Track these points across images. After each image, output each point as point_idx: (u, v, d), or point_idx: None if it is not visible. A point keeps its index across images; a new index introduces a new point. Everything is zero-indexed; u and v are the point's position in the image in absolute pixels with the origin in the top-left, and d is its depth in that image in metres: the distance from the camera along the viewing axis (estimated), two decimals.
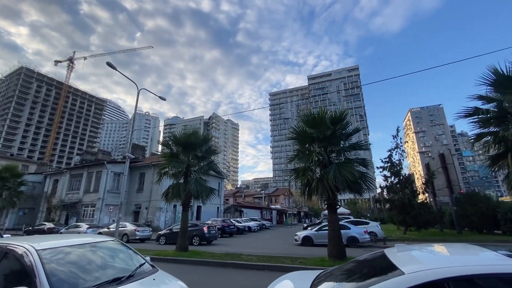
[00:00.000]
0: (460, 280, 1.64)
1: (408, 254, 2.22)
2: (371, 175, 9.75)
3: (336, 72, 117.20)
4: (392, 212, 20.08)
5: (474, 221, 17.61)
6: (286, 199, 63.31)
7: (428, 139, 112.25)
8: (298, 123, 10.55)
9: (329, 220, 9.42)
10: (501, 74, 7.47)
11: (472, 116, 8.37)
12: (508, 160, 7.19)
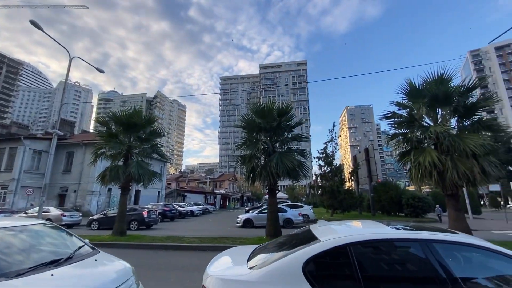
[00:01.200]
0: (357, 244, 2.24)
1: (326, 228, 2.82)
2: (308, 164, 10.88)
3: (286, 64, 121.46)
4: (323, 197, 22.68)
5: (385, 206, 21.30)
6: (231, 184, 64.55)
7: (359, 134, 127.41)
8: (247, 112, 10.94)
9: (269, 203, 10.26)
10: (413, 86, 9.13)
11: (390, 119, 10.04)
12: (411, 156, 8.95)
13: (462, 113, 8.59)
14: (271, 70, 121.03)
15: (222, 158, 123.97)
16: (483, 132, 8.52)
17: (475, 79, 9.28)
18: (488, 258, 2.24)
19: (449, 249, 2.26)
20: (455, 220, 8.08)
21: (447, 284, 1.94)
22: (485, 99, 8.89)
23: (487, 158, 7.79)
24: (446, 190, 8.23)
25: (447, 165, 7.76)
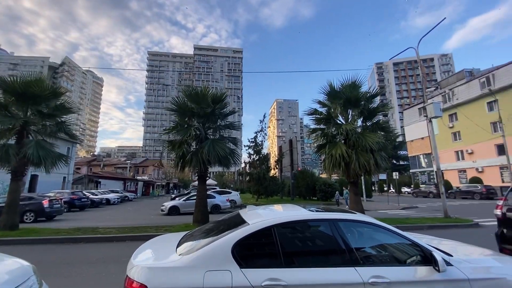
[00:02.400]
0: (280, 225, 2.55)
1: (254, 212, 3.06)
2: (238, 152, 11.21)
3: (223, 50, 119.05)
4: (250, 184, 23.92)
5: (302, 191, 24.04)
6: (156, 170, 60.44)
7: (285, 126, 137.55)
8: (179, 94, 10.38)
9: (198, 190, 10.19)
10: (333, 88, 10.46)
11: (312, 115, 11.29)
12: (326, 149, 10.33)
13: (366, 115, 10.40)
14: (206, 53, 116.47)
15: (146, 142, 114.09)
16: (379, 132, 10.54)
17: (377, 88, 11.33)
18: (374, 231, 2.89)
19: (349, 226, 2.82)
20: (354, 203, 9.88)
21: (346, 253, 2.44)
22: (383, 105, 10.99)
23: (380, 153, 9.73)
24: (350, 178, 9.93)
25: (352, 157, 9.33)
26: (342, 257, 2.42)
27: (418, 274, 2.41)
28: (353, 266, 2.35)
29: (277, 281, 2.16)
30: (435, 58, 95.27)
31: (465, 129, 35.59)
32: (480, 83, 34.38)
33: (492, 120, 31.00)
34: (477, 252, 3.17)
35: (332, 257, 2.50)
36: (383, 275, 2.30)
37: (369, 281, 2.25)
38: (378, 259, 2.60)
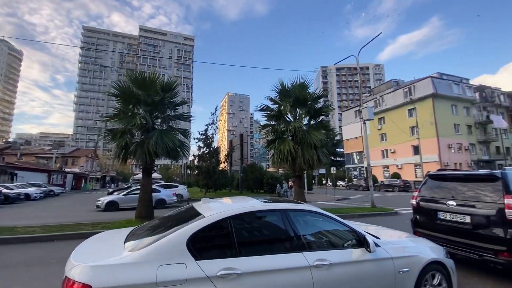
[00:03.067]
0: (236, 216, 2.62)
1: (209, 205, 3.07)
2: (188, 144, 10.85)
3: (172, 35, 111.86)
4: (199, 177, 23.42)
5: (251, 184, 24.67)
6: (89, 162, 53.92)
7: (235, 120, 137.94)
8: (120, 78, 9.45)
9: (142, 183, 9.55)
10: (284, 86, 10.94)
11: (264, 111, 11.64)
12: (275, 144, 10.80)
13: (312, 115, 11.20)
14: (154, 36, 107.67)
15: (78, 129, 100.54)
16: (322, 130, 11.49)
17: (322, 90, 12.29)
18: (319, 220, 3.20)
19: (297, 215, 3.07)
20: (298, 194, 10.61)
21: (295, 240, 2.65)
22: (327, 106, 12.00)
23: (322, 149, 10.63)
24: (295, 172, 10.62)
25: (298, 153, 9.98)
26: (291, 244, 2.63)
27: (354, 255, 2.78)
28: (301, 252, 2.59)
29: (232, 270, 2.23)
30: (370, 67, 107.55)
31: (390, 131, 41.39)
32: (403, 93, 40.28)
33: (411, 124, 36.73)
34: (397, 235, 3.80)
35: (283, 244, 2.69)
36: (325, 258, 2.59)
37: (314, 264, 2.51)
38: (322, 244, 2.90)
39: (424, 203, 5.19)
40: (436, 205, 4.91)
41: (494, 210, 4.07)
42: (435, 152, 34.60)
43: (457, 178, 4.93)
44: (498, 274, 4.32)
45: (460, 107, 37.99)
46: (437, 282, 3.14)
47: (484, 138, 38.47)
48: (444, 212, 4.72)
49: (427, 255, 3.15)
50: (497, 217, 4.03)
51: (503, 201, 4.01)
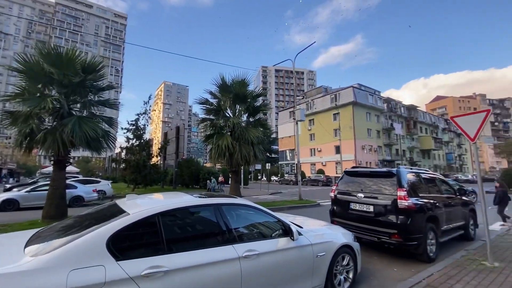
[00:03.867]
0: (166, 213, 2.50)
1: (135, 201, 2.84)
2: (113, 134, 9.74)
3: (101, 10, 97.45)
4: (126, 172, 21.25)
5: (186, 180, 23.77)
6: None
7: (172, 112, 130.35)
8: (26, 50, 7.77)
9: (53, 178, 8.13)
10: (225, 82, 10.91)
11: (203, 104, 11.38)
12: (214, 139, 10.71)
13: (251, 112, 11.52)
14: (76, 6, 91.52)
15: None
16: (260, 128, 11.95)
17: (261, 89, 12.75)
18: (251, 213, 3.35)
19: (230, 209, 3.15)
20: (234, 189, 10.81)
21: (227, 234, 2.71)
22: (265, 105, 12.52)
23: (258, 146, 11.07)
24: (232, 167, 10.76)
25: (236, 148, 10.15)
26: (223, 237, 2.68)
27: (280, 244, 3.02)
28: (232, 244, 2.66)
29: (159, 268, 2.14)
30: (305, 72, 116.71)
31: (318, 132, 45.98)
32: (330, 99, 45.20)
33: (335, 127, 41.58)
34: (317, 224, 4.29)
35: (214, 238, 2.72)
36: (254, 248, 2.74)
37: (243, 255, 2.62)
38: (252, 236, 3.05)
39: (340, 196, 5.98)
40: (349, 197, 5.72)
41: (390, 200, 5.00)
42: (352, 152, 40.12)
43: (366, 174, 5.85)
44: (391, 253, 5.34)
45: (372, 115, 44.98)
46: (346, 263, 3.69)
47: (388, 142, 46.56)
48: (355, 203, 5.54)
49: (339, 240, 3.66)
50: (392, 206, 4.96)
51: (397, 193, 4.96)
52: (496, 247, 5.52)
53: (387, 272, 4.45)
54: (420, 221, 4.87)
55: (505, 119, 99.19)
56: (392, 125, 45.33)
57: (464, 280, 3.81)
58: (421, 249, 4.78)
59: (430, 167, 53.60)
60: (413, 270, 4.42)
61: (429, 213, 5.10)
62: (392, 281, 4.02)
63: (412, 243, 4.72)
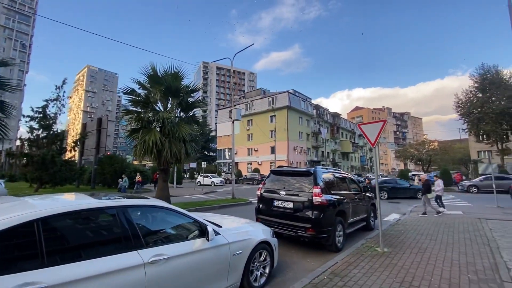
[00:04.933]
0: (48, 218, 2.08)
1: (9, 205, 2.30)
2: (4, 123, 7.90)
3: None
4: (27, 168, 17.55)
5: (107, 178, 21.11)
6: None
7: (96, 101, 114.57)
8: None
9: None
10: (155, 72, 10.09)
11: (129, 95, 10.26)
12: (139, 134, 9.75)
13: (184, 107, 10.96)
14: None
15: None
16: (194, 124, 11.50)
17: (200, 85, 12.32)
18: (165, 215, 3.14)
19: (140, 211, 2.89)
20: (161, 189, 10.11)
21: (131, 239, 2.43)
22: (200, 102, 12.10)
23: (191, 144, 10.63)
24: (161, 165, 10.04)
25: (165, 145, 9.49)
26: (126, 244, 2.41)
27: (194, 246, 2.90)
28: (137, 250, 2.41)
29: (33, 285, 1.76)
30: (246, 73, 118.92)
31: (256, 132, 47.44)
32: (268, 101, 47.20)
33: (271, 129, 43.60)
34: (240, 222, 4.32)
35: (114, 245, 2.41)
36: (163, 252, 2.55)
37: (149, 260, 2.40)
38: (163, 239, 2.84)
39: (266, 194, 6.23)
40: (273, 195, 6.00)
41: (307, 197, 5.45)
42: (285, 153, 42.82)
43: (289, 173, 6.25)
44: (307, 246, 5.83)
45: (304, 119, 48.99)
46: (263, 258, 3.83)
47: (315, 144, 51.45)
48: (278, 200, 5.85)
49: (258, 237, 3.76)
50: (308, 202, 5.41)
51: (313, 190, 5.44)
52: (388, 235, 6.64)
53: (301, 264, 4.83)
54: (331, 216, 5.46)
55: (404, 130, 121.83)
56: (320, 130, 50.33)
57: (360, 265, 4.43)
58: (330, 240, 5.36)
59: (348, 167, 61.67)
60: (323, 260, 4.91)
61: (339, 208, 5.77)
62: (304, 272, 4.37)
63: (323, 235, 5.25)
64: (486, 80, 29.67)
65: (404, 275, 3.98)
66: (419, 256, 4.92)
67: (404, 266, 4.38)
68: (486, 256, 4.85)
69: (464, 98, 31.60)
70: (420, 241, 6.04)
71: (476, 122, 30.20)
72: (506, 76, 28.91)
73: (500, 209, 11.68)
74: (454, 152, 52.24)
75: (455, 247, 5.50)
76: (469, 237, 6.38)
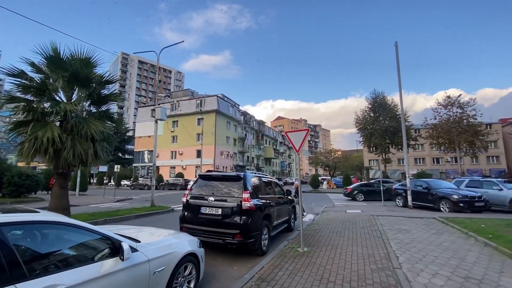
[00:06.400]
0: None
1: None
2: None
3: None
4: None
5: None
6: None
7: None
8: None
9: None
10: (58, 53, 8.23)
11: (16, 77, 8.01)
12: (29, 128, 7.69)
13: (95, 100, 9.29)
14: None
15: None
16: (107, 121, 9.89)
17: (117, 77, 10.72)
18: (62, 232, 2.45)
19: (24, 230, 2.16)
20: (58, 198, 8.20)
21: (5, 270, 1.75)
22: (118, 96, 10.53)
23: (102, 143, 9.07)
24: (58, 169, 8.16)
25: (67, 144, 7.78)
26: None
27: (103, 269, 2.34)
28: (15, 284, 1.75)
29: None
30: (173, 72, 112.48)
31: (181, 135, 45.09)
32: (196, 103, 45.77)
33: (198, 132, 42.32)
34: (162, 234, 3.82)
35: None
36: (58, 283, 1.95)
37: None
38: (60, 265, 2.18)
39: (192, 200, 5.82)
40: (201, 201, 5.65)
41: (236, 202, 5.36)
42: (212, 157, 42.21)
43: (218, 178, 6.03)
44: (233, 252, 5.70)
45: (231, 124, 49.65)
46: (188, 272, 3.47)
47: (242, 150, 52.79)
48: (205, 206, 5.54)
49: (184, 249, 3.40)
50: (237, 208, 5.31)
51: (242, 195, 5.39)
52: (306, 235, 7.20)
53: (228, 272, 4.65)
54: (258, 220, 5.51)
55: (316, 139, 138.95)
56: (246, 135, 52.00)
57: (285, 267, 4.59)
58: (257, 244, 5.39)
59: (270, 172, 65.65)
60: (249, 266, 4.87)
61: (265, 211, 5.90)
62: (232, 281, 4.21)
63: (250, 240, 5.23)
64: (376, 103, 36.91)
65: (322, 272, 4.33)
66: (333, 253, 5.48)
67: (322, 263, 4.77)
68: (381, 247, 5.82)
69: (361, 116, 38.39)
70: (332, 238, 6.79)
71: (369, 136, 37.00)
72: (389, 101, 36.73)
73: (385, 207, 14.49)
74: (353, 160, 62.91)
75: (359, 242, 6.41)
76: (368, 231, 7.58)
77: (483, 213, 11.40)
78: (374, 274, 4.23)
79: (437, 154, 46.79)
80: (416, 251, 5.52)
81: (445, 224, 8.55)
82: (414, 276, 4.15)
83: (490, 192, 12.76)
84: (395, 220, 9.60)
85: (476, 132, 29.84)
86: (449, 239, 6.66)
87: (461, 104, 30.49)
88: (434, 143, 33.95)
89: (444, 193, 12.44)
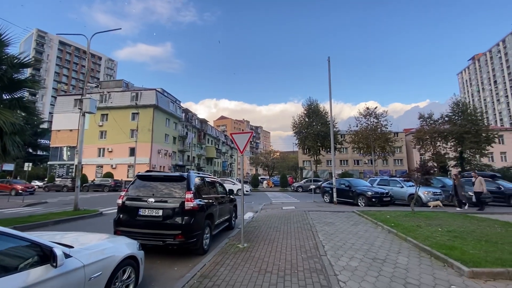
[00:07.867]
0: None
1: None
2: None
3: None
4: None
5: None
6: None
7: None
8: None
9: None
10: None
11: None
12: None
13: (6, 85, 7.77)
14: None
15: None
16: (19, 111, 8.37)
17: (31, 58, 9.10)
18: None
19: None
20: None
21: None
22: (33, 81, 8.98)
23: (13, 137, 7.65)
24: None
25: None
26: None
27: (31, 278, 2.14)
28: None
29: None
30: (103, 59, 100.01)
31: (112, 130, 40.55)
32: (131, 96, 41.86)
33: (132, 127, 38.73)
34: (95, 238, 3.58)
35: None
36: None
37: None
38: None
39: (129, 202, 5.50)
40: (139, 202, 5.40)
41: (179, 203, 5.31)
42: (147, 155, 39.29)
43: (159, 178, 5.85)
44: (173, 254, 5.62)
45: (171, 122, 47.18)
46: (127, 276, 3.36)
47: (182, 148, 50.69)
48: (144, 208, 5.32)
49: (122, 253, 3.27)
50: (180, 209, 5.28)
51: (185, 195, 5.38)
52: (246, 232, 7.54)
53: (168, 273, 4.61)
54: (200, 220, 5.58)
55: (257, 140, 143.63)
56: (187, 134, 50.21)
57: (226, 263, 4.81)
58: (198, 244, 5.45)
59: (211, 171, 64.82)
60: (190, 265, 4.91)
61: (208, 211, 6.01)
62: (172, 281, 4.20)
63: (192, 240, 5.27)
64: (311, 110, 40.60)
65: (261, 264, 4.71)
66: (270, 246, 5.96)
67: (260, 257, 5.17)
68: (311, 239, 6.60)
69: (298, 120, 41.60)
70: (270, 234, 7.33)
71: (303, 139, 40.40)
72: (322, 109, 40.86)
73: (315, 203, 16.16)
74: (289, 161, 67.61)
75: (293, 235, 7.10)
76: (300, 226, 8.43)
77: (389, 206, 13.86)
78: (304, 262, 4.82)
79: (357, 157, 54.08)
80: (338, 240, 6.47)
81: (361, 216, 10.14)
82: (336, 260, 4.91)
83: (394, 189, 15.60)
84: (323, 214, 10.88)
85: (387, 139, 35.84)
86: (363, 228, 7.98)
87: (377, 115, 36.17)
88: (355, 147, 39.24)
89: (361, 190, 14.65)
